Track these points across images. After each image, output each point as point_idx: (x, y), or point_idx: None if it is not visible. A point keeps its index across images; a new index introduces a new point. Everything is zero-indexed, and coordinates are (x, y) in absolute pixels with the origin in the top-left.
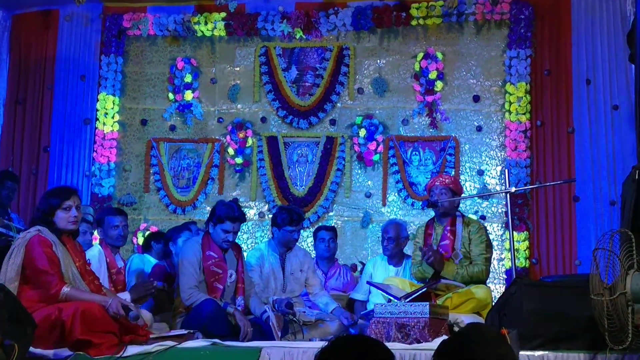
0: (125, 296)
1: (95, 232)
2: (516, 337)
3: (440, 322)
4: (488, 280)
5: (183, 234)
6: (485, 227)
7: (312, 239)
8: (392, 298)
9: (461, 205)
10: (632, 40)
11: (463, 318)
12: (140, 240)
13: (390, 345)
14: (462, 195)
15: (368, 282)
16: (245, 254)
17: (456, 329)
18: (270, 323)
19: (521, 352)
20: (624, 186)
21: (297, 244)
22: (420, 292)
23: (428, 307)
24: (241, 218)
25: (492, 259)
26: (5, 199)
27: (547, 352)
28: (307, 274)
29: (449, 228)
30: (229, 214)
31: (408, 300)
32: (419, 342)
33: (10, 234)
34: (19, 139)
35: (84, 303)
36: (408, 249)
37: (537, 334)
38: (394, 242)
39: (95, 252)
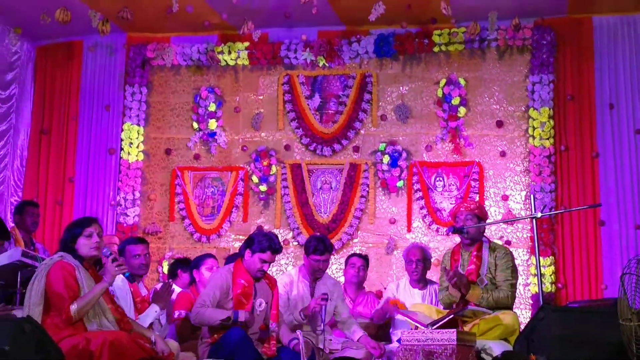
0: (154, 309)
1: None
2: None
3: (468, 349)
4: (514, 306)
5: (206, 261)
6: (511, 253)
7: (337, 264)
8: (419, 325)
9: (486, 230)
10: None
11: (491, 344)
12: (165, 269)
13: None
14: (487, 220)
15: (396, 311)
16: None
17: (484, 355)
18: (300, 348)
19: None
20: None
21: (326, 271)
22: (447, 318)
23: (455, 334)
24: (280, 250)
25: (517, 285)
26: (30, 225)
27: None
28: (336, 302)
29: (475, 253)
30: (272, 245)
31: (435, 327)
32: None
33: (35, 264)
34: (44, 170)
35: (111, 333)
36: (433, 275)
37: None
38: (422, 264)
39: (118, 282)
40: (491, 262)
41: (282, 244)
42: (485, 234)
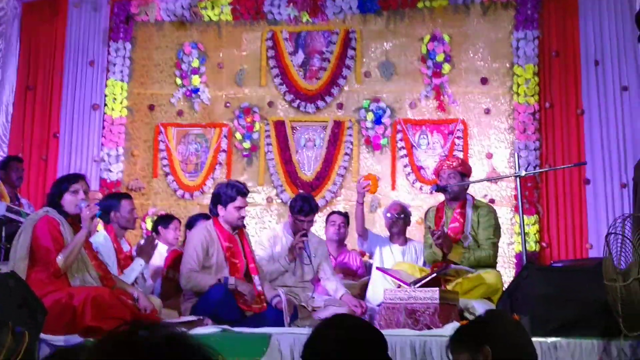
0: (138, 262)
1: None
2: (528, 323)
3: (451, 307)
4: (498, 265)
5: (199, 222)
6: (494, 211)
7: (320, 222)
8: (401, 284)
9: (470, 188)
10: None
11: (474, 303)
12: (149, 225)
13: (399, 331)
14: (471, 177)
15: (377, 268)
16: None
17: (467, 314)
18: (283, 306)
19: (533, 338)
20: (636, 169)
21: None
22: (430, 277)
23: (438, 293)
24: (247, 192)
25: (499, 243)
26: (16, 181)
27: (559, 339)
28: (320, 260)
29: (458, 211)
30: (239, 189)
31: (418, 285)
32: (429, 328)
33: (20, 219)
34: (29, 125)
35: (94, 289)
36: (416, 234)
37: (549, 320)
38: (402, 219)
39: (100, 239)
40: (474, 219)
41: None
42: (469, 192)
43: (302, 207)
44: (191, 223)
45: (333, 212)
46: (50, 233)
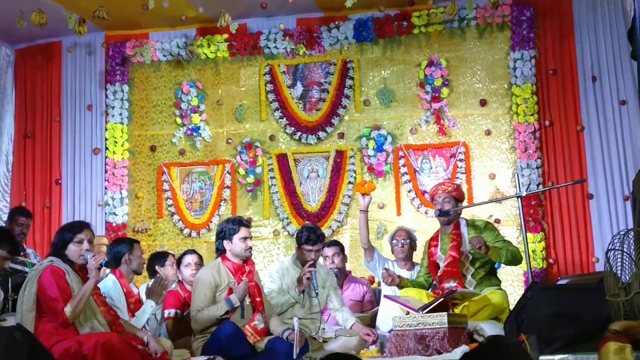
0: (149, 304)
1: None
2: (535, 343)
3: (460, 331)
4: (504, 285)
5: (184, 258)
6: (489, 222)
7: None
8: (409, 310)
9: (476, 209)
10: (633, 37)
11: (482, 325)
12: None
13: (410, 357)
14: (476, 198)
15: (385, 296)
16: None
17: (476, 336)
18: (295, 337)
19: (541, 357)
20: (635, 184)
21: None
22: (437, 302)
23: (446, 317)
24: (248, 223)
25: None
26: (18, 235)
27: (566, 355)
28: (329, 291)
29: (454, 232)
30: (241, 221)
31: (426, 311)
32: (439, 352)
33: (25, 269)
34: (31, 173)
35: (103, 335)
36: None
37: (555, 338)
38: (408, 244)
39: (110, 283)
40: (471, 236)
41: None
42: (463, 216)
43: (309, 237)
44: (180, 261)
45: (324, 245)
46: (56, 283)
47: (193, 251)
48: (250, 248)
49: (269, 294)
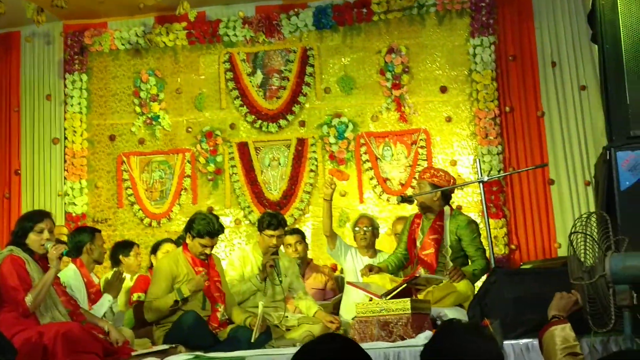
0: (107, 298)
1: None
2: (499, 327)
3: (423, 317)
4: None
5: (162, 246)
6: (474, 222)
7: None
8: (372, 296)
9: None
10: (593, 20)
11: (446, 311)
12: None
13: (373, 344)
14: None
15: (348, 282)
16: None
17: (439, 322)
18: (257, 322)
19: (505, 341)
20: (596, 167)
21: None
22: (400, 288)
23: (410, 303)
24: (220, 231)
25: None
26: None
27: (531, 340)
28: (291, 279)
29: (438, 223)
30: (208, 229)
31: (389, 297)
32: (402, 338)
33: None
34: None
35: (64, 324)
36: (385, 245)
37: (520, 322)
38: (370, 231)
39: (70, 273)
40: (451, 229)
41: (221, 225)
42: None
43: (271, 222)
44: (156, 248)
45: (286, 233)
46: (16, 272)
47: (170, 240)
48: (206, 255)
49: (230, 282)
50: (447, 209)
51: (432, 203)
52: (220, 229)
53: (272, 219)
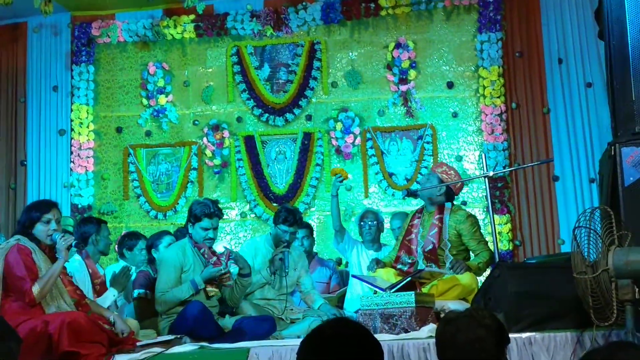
0: (112, 293)
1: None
2: (502, 320)
3: (427, 310)
4: None
5: (164, 239)
6: (473, 215)
7: None
8: (377, 289)
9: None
10: (600, 16)
11: (450, 305)
12: None
13: (377, 336)
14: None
15: (353, 276)
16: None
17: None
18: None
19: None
20: (601, 163)
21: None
22: (405, 281)
23: (414, 296)
24: (217, 213)
25: None
26: None
27: (534, 334)
28: (300, 273)
29: (437, 217)
30: (205, 210)
31: (393, 290)
32: (406, 331)
33: None
34: None
35: (69, 314)
36: (390, 239)
37: (523, 316)
38: (375, 226)
39: (75, 264)
40: (451, 224)
41: (219, 208)
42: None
43: (287, 218)
44: (154, 242)
45: None
46: (23, 262)
47: (169, 232)
48: (212, 239)
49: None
50: (448, 204)
51: (436, 197)
52: (218, 211)
53: (289, 215)
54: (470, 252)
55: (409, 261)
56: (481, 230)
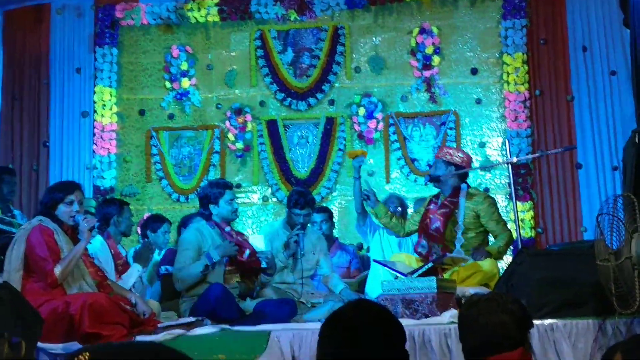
0: (136, 268)
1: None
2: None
3: (449, 296)
4: None
5: (195, 219)
6: (492, 197)
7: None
8: (398, 274)
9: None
10: (625, 4)
11: (471, 291)
12: None
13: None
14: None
15: (374, 260)
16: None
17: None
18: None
19: None
20: (625, 150)
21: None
22: (426, 267)
23: (435, 282)
24: (230, 184)
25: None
26: (7, 194)
27: (556, 320)
28: (319, 257)
29: (449, 200)
30: (224, 184)
31: (415, 276)
32: (427, 317)
33: (13, 230)
34: (18, 135)
35: (91, 295)
36: None
37: (545, 303)
38: (399, 211)
39: (97, 245)
40: (468, 206)
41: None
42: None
43: (298, 201)
44: (185, 222)
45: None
46: (45, 242)
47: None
48: (236, 210)
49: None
50: (463, 186)
51: (454, 181)
52: (229, 182)
53: (300, 197)
54: (489, 236)
55: (428, 247)
56: (499, 212)
